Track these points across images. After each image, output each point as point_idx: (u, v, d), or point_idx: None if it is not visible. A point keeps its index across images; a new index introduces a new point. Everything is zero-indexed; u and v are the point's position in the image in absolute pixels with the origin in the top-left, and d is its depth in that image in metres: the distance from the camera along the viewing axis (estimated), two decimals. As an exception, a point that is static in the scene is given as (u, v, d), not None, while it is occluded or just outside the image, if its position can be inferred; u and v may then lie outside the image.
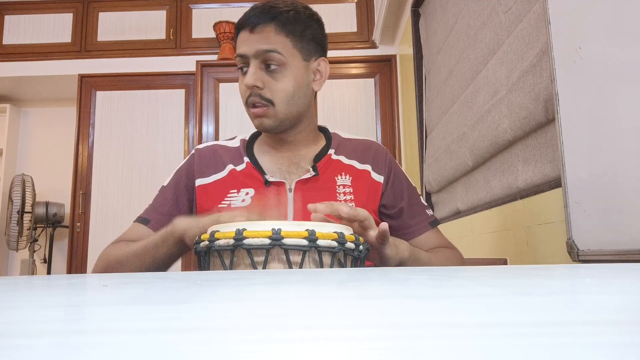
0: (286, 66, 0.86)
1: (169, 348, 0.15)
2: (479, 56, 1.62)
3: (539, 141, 1.22)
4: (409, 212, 0.94)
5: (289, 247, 0.56)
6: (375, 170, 0.94)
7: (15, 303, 0.28)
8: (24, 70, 3.52)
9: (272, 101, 0.86)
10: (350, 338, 0.16)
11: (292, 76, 0.87)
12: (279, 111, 0.87)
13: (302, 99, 0.90)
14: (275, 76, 0.86)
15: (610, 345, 0.15)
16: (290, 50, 0.86)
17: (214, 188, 0.91)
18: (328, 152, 0.94)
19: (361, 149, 0.97)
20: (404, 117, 3.13)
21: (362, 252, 0.62)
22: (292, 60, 0.87)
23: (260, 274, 0.45)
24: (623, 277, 0.38)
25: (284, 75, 0.86)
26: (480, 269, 0.52)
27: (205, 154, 0.96)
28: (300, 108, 0.90)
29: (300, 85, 0.88)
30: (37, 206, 3.67)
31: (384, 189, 0.93)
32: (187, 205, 0.93)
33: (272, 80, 0.86)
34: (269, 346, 0.15)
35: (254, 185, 0.89)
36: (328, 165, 0.92)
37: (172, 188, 0.94)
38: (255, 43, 0.85)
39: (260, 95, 0.86)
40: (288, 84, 0.86)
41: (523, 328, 0.17)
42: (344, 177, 0.91)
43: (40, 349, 0.15)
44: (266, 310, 0.23)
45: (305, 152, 0.95)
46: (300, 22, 0.88)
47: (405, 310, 0.22)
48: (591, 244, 0.90)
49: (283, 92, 0.86)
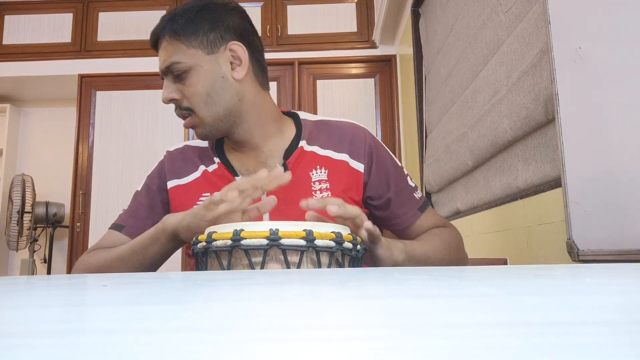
0: (191, 69, 0.83)
1: (169, 348, 0.15)
2: (479, 56, 1.62)
3: (539, 141, 1.22)
4: (396, 201, 0.87)
5: (287, 248, 0.56)
6: (353, 158, 0.86)
7: (15, 303, 0.28)
8: (24, 70, 3.52)
9: (191, 109, 0.83)
10: (350, 338, 0.16)
11: (200, 76, 0.83)
12: (203, 115, 0.83)
13: (222, 94, 0.84)
14: (186, 82, 0.83)
15: (610, 345, 0.15)
16: (187, 53, 0.83)
17: (187, 189, 0.88)
18: (299, 144, 0.87)
19: (337, 135, 0.88)
20: (404, 117, 3.13)
21: (359, 252, 0.62)
22: (194, 61, 0.83)
23: (260, 274, 0.45)
24: (623, 277, 0.38)
25: (191, 78, 0.83)
26: (480, 269, 0.52)
27: (175, 155, 0.93)
28: (226, 103, 0.84)
29: (212, 81, 0.83)
30: (37, 206, 3.67)
31: (366, 179, 0.86)
32: (162, 208, 0.90)
33: (185, 88, 0.83)
34: (269, 346, 0.15)
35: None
36: (300, 159, 0.86)
37: (145, 192, 0.91)
38: (161, 60, 0.85)
39: (180, 107, 0.84)
40: (197, 86, 0.83)
41: (523, 328, 0.17)
42: (320, 171, 0.85)
43: (40, 349, 0.15)
44: (266, 310, 0.23)
45: (271, 147, 0.88)
46: (190, 20, 0.84)
47: (405, 310, 0.22)
48: (591, 244, 0.90)
49: (196, 96, 0.83)
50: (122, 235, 0.87)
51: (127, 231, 0.87)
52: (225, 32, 0.85)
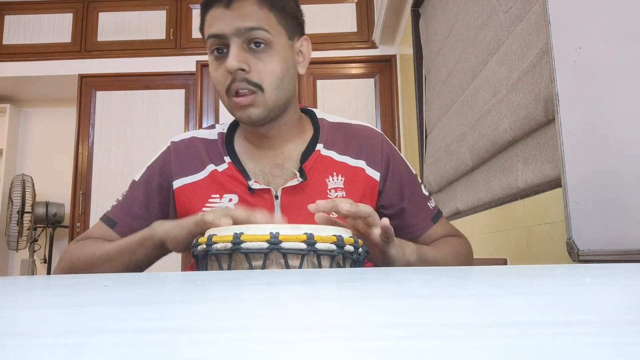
0: (273, 45, 0.76)
1: (168, 348, 0.15)
2: (479, 56, 1.62)
3: (539, 141, 1.22)
4: (409, 210, 0.85)
5: (287, 251, 0.55)
6: (370, 165, 0.84)
7: (15, 303, 0.28)
8: (24, 70, 3.52)
9: (261, 86, 0.75)
10: (350, 338, 0.16)
11: (280, 56, 0.76)
12: (269, 98, 0.76)
13: (291, 82, 0.80)
14: (262, 57, 0.75)
15: (610, 345, 0.15)
16: (275, 27, 0.76)
17: (195, 190, 0.82)
18: (316, 147, 0.83)
19: (355, 140, 0.85)
20: (404, 117, 3.13)
21: (361, 255, 0.61)
22: (278, 39, 0.76)
23: (260, 274, 0.45)
24: (623, 277, 0.38)
25: (271, 55, 0.75)
26: (480, 269, 0.52)
27: (181, 149, 0.85)
28: (289, 93, 0.80)
29: (288, 67, 0.78)
30: (37, 206, 3.68)
31: (381, 187, 0.84)
32: (159, 208, 0.84)
33: (258, 62, 0.75)
34: (269, 346, 0.15)
35: (237, 190, 0.80)
36: (317, 164, 0.82)
37: (143, 186, 0.85)
38: (234, 20, 0.74)
39: (248, 80, 0.74)
40: (277, 66, 0.76)
41: (523, 328, 0.17)
42: (336, 178, 0.81)
43: (40, 349, 0.15)
44: (266, 310, 0.23)
45: (290, 149, 0.84)
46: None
47: (405, 310, 0.22)
48: (591, 244, 0.90)
49: (273, 75, 0.75)
50: (113, 233, 0.83)
51: (118, 229, 0.83)
52: (300, 24, 0.82)
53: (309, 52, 0.83)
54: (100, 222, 0.85)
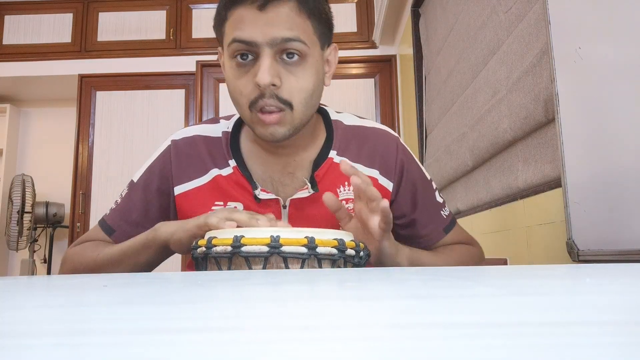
0: (307, 58, 0.68)
1: (169, 348, 0.15)
2: (479, 56, 1.62)
3: (539, 141, 1.22)
4: (422, 220, 0.81)
5: (288, 255, 0.55)
6: (383, 175, 0.79)
7: (15, 303, 0.28)
8: (24, 70, 3.52)
9: (291, 104, 0.68)
10: (350, 338, 0.16)
11: (313, 70, 0.69)
12: (297, 117, 0.69)
13: (318, 98, 0.73)
14: (294, 70, 0.67)
15: (610, 345, 0.15)
16: (311, 38, 0.68)
17: (197, 196, 0.77)
18: (329, 154, 0.78)
19: (368, 147, 0.80)
20: (404, 117, 3.13)
21: (363, 259, 0.61)
22: (312, 51, 0.69)
23: (260, 274, 0.45)
24: (623, 277, 0.38)
25: (304, 69, 0.68)
26: (480, 269, 0.52)
27: (182, 149, 0.79)
28: (315, 109, 0.73)
29: (319, 81, 0.71)
30: (37, 206, 3.67)
31: (393, 197, 0.79)
32: (158, 213, 0.79)
33: (290, 77, 0.67)
34: (269, 346, 0.15)
35: (242, 198, 0.75)
36: (329, 172, 0.77)
37: (142, 191, 0.79)
38: (269, 27, 0.65)
39: (277, 97, 0.67)
40: (309, 81, 0.68)
41: (523, 328, 0.17)
42: (347, 188, 0.76)
43: (40, 349, 0.15)
44: (266, 310, 0.23)
45: (303, 156, 0.78)
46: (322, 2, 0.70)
47: (405, 310, 0.22)
48: (591, 244, 0.90)
49: (304, 92, 0.68)
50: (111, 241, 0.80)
51: (116, 237, 0.79)
52: (332, 31, 0.74)
53: (335, 61, 0.76)
54: (98, 227, 0.82)
